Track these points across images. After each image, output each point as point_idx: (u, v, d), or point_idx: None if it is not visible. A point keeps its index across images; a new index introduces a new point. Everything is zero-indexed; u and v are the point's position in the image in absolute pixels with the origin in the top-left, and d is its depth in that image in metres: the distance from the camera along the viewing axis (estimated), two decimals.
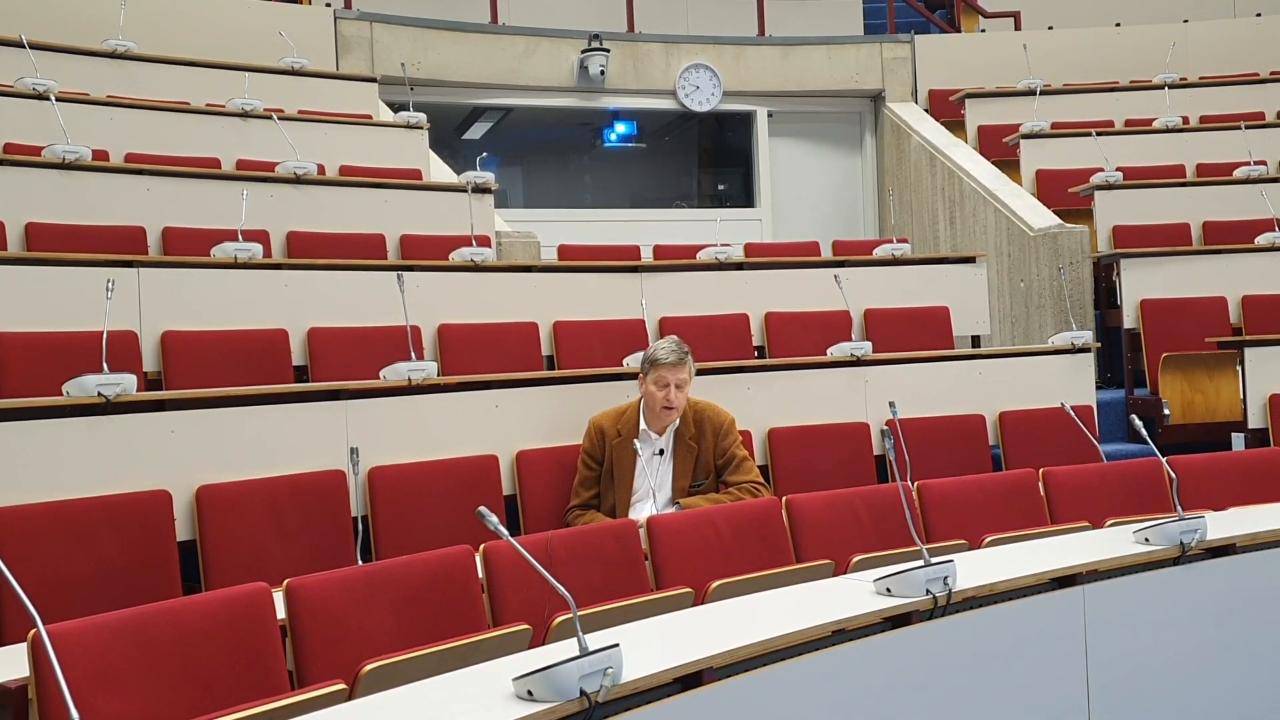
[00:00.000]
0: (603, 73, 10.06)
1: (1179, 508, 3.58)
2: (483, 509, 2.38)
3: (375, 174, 7.39)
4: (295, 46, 8.59)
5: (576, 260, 7.08)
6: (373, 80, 8.91)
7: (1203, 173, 8.81)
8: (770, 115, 10.90)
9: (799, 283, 6.68)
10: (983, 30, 11.63)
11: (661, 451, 4.65)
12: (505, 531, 2.44)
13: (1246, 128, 8.79)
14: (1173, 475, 3.81)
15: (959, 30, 11.68)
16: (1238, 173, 8.18)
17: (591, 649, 2.28)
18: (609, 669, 2.27)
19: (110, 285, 4.21)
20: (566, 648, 2.35)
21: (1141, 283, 6.96)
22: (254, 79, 7.92)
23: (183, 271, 5.23)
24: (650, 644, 2.61)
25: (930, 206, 9.67)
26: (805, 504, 4.18)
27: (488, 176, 7.20)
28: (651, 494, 4.56)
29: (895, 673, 2.87)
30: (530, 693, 2.24)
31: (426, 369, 4.68)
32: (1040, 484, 4.68)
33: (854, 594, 3.03)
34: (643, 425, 4.64)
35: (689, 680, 2.47)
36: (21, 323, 4.70)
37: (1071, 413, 4.76)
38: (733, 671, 2.56)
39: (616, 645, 2.32)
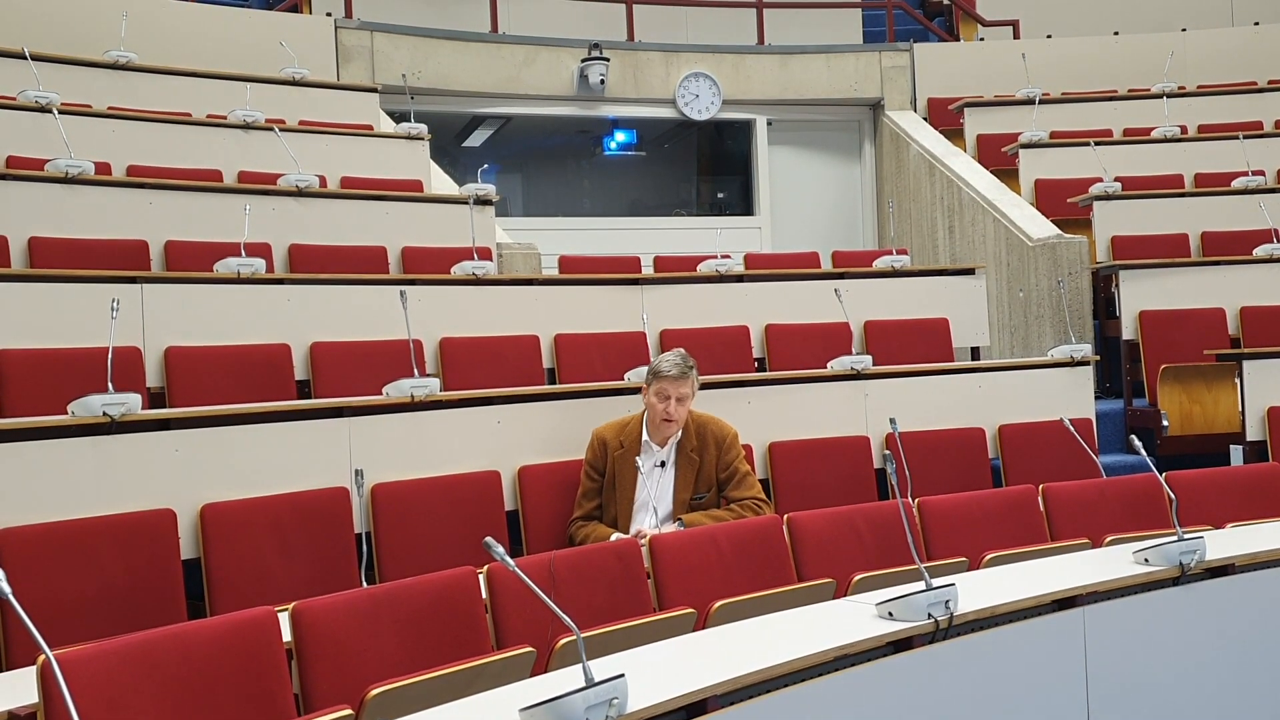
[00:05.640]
0: (602, 81, 10.09)
1: (1178, 527, 3.60)
2: (489, 540, 2.40)
3: (376, 185, 7.41)
4: (296, 56, 8.61)
5: (577, 273, 7.10)
6: (373, 90, 8.95)
7: (1201, 183, 8.84)
8: (769, 124, 10.93)
9: (799, 295, 6.71)
10: (981, 39, 11.65)
11: (663, 463, 4.67)
12: (511, 562, 2.46)
13: (1245, 138, 8.82)
14: (1172, 496, 3.82)
15: (958, 39, 11.70)
16: (1236, 183, 8.20)
17: (597, 679, 2.30)
18: (614, 699, 2.29)
19: (115, 304, 4.22)
20: (572, 677, 2.37)
21: (1140, 294, 6.98)
22: (255, 89, 7.95)
23: (186, 287, 5.25)
24: (654, 671, 2.62)
25: (929, 215, 9.69)
26: (806, 522, 4.19)
27: (489, 188, 7.22)
28: (652, 507, 4.58)
29: (898, 697, 2.89)
30: None
31: (429, 385, 4.70)
32: (1040, 500, 4.70)
33: (856, 618, 3.04)
34: (645, 437, 4.66)
35: (693, 709, 2.49)
36: (25, 339, 4.72)
37: (1071, 428, 4.78)
38: (737, 698, 2.58)
39: (622, 675, 2.34)
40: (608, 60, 10.12)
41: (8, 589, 2.08)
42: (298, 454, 4.33)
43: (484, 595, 3.36)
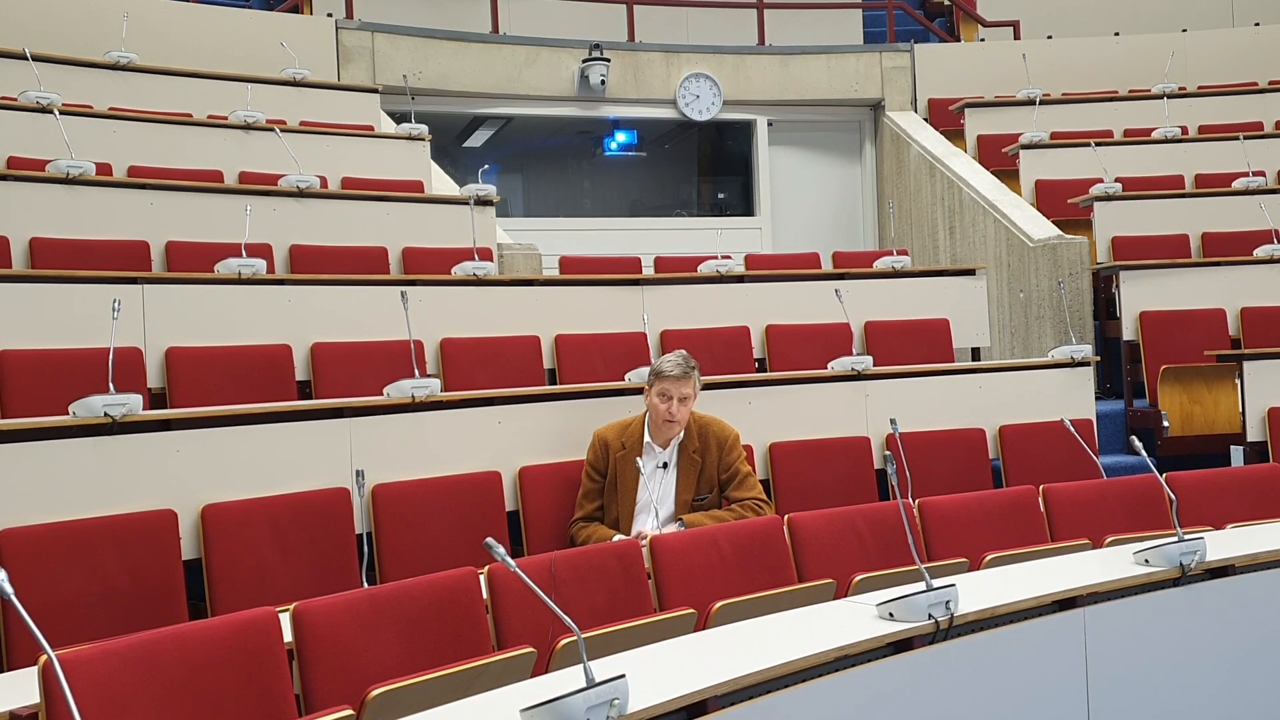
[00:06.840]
0: (603, 82, 10.10)
1: (1179, 528, 3.60)
2: (490, 540, 2.41)
3: (377, 186, 7.42)
4: (297, 57, 8.62)
5: (578, 273, 7.11)
6: (374, 91, 8.96)
7: (1201, 183, 8.84)
8: (770, 124, 10.94)
9: (799, 295, 6.72)
10: (982, 40, 11.64)
11: (665, 465, 4.67)
12: (512, 563, 2.47)
13: (1245, 138, 8.83)
14: (1173, 497, 3.82)
15: (958, 39, 11.70)
16: (1236, 184, 8.20)
17: (598, 680, 2.30)
18: (615, 700, 2.29)
19: (116, 305, 4.23)
20: (573, 677, 2.37)
21: (1141, 294, 6.98)
22: (256, 90, 7.96)
23: (187, 288, 5.26)
24: (655, 672, 2.63)
25: (930, 216, 9.70)
26: (807, 522, 4.19)
27: (489, 189, 7.23)
28: (654, 508, 4.59)
29: (898, 698, 2.89)
30: None
31: (430, 386, 4.70)
32: (1040, 500, 4.70)
33: (856, 618, 3.04)
34: (646, 438, 4.67)
35: (693, 709, 2.49)
36: (26, 340, 4.73)
37: (1072, 429, 4.77)
38: (738, 699, 2.58)
39: (623, 676, 2.34)
40: (608, 61, 10.12)
41: (10, 589, 2.08)
42: (298, 454, 4.33)
43: (485, 596, 3.37)
